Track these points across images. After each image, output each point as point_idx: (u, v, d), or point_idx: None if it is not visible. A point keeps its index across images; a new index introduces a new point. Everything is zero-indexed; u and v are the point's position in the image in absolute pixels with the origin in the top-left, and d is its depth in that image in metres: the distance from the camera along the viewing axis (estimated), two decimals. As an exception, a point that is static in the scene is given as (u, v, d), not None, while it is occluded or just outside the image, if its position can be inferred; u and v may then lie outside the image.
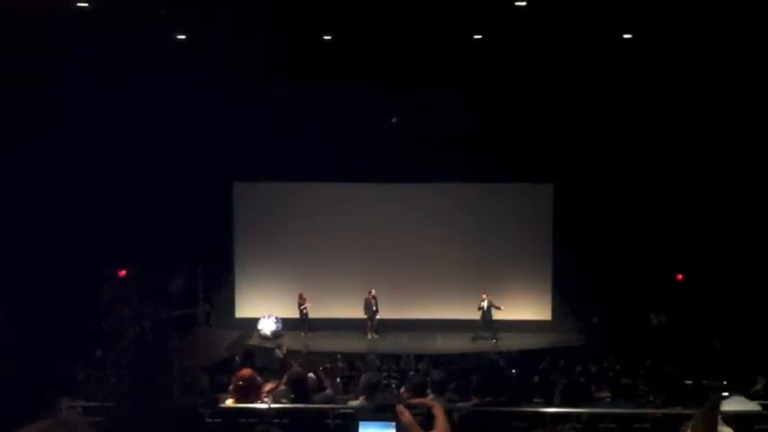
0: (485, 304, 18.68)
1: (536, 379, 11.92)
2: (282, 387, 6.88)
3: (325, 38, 14.15)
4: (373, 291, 19.09)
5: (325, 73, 15.61)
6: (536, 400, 8.13)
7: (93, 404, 6.53)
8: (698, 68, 14.74)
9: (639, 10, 12.52)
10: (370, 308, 19.03)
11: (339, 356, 16.01)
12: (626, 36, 13.63)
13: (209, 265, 20.09)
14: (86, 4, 11.77)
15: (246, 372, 6.62)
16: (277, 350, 14.79)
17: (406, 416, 1.58)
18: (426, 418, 1.59)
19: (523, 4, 11.96)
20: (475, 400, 6.76)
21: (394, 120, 18.33)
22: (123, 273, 18.73)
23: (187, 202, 17.87)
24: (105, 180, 16.08)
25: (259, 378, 6.69)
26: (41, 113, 14.16)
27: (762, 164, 16.05)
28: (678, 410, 6.89)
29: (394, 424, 1.57)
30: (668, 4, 12.24)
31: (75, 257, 15.57)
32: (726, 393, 7.22)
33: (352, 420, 1.59)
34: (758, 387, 9.30)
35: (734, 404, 6.40)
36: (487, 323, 18.72)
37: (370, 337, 19.01)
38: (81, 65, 13.86)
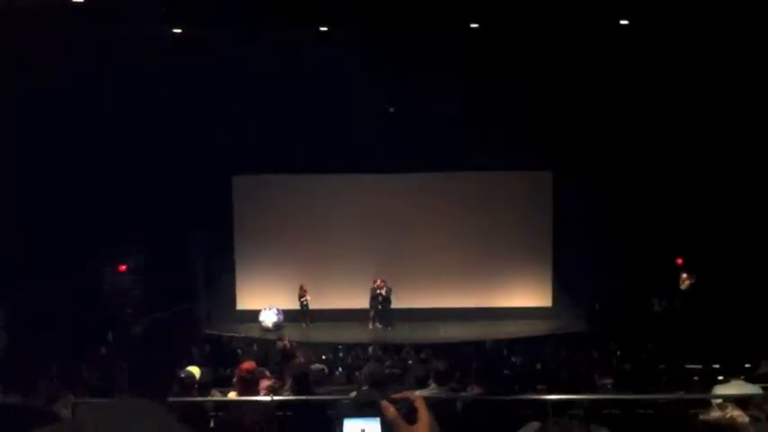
0: (383, 291, 18.84)
1: (538, 366, 11.96)
2: (284, 384, 6.89)
3: (322, 29, 14.12)
4: (377, 281, 19.08)
5: (323, 63, 15.56)
6: (539, 387, 8.15)
7: (97, 400, 6.53)
8: (698, 55, 14.69)
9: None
10: (375, 298, 19.07)
11: (341, 347, 16.08)
12: (623, 22, 13.56)
13: (210, 259, 20.13)
14: (82, 1, 11.75)
15: (250, 364, 6.63)
16: (279, 342, 14.88)
17: (391, 411, 1.60)
18: (410, 412, 1.62)
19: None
20: (477, 389, 6.79)
21: (391, 109, 18.30)
22: (124, 268, 18.86)
23: (187, 195, 17.87)
24: (104, 174, 16.06)
25: (266, 371, 6.70)
26: (41, 108, 14.13)
27: (762, 150, 16.01)
28: (680, 395, 6.93)
29: (378, 419, 1.59)
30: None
31: (75, 251, 15.59)
32: (721, 377, 7.24)
33: (335, 416, 1.61)
34: (763, 370, 9.31)
35: (734, 388, 6.42)
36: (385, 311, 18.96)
37: (371, 327, 19.04)
38: (80, 58, 13.81)
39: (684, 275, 18.52)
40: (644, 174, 17.81)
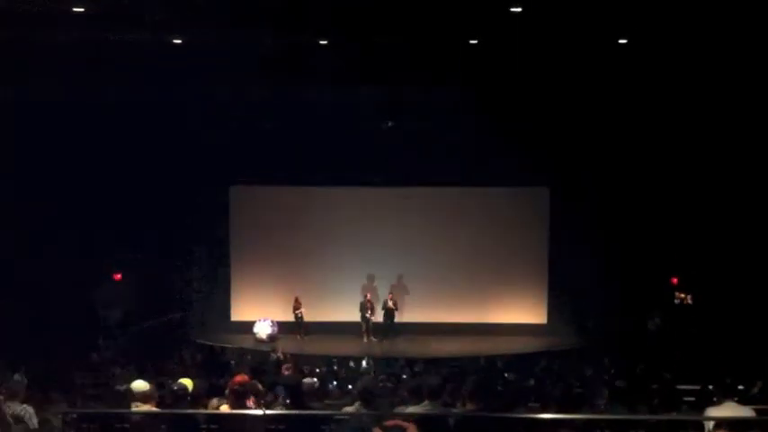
0: (391, 303, 18.85)
1: (531, 383, 11.94)
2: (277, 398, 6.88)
3: (321, 42, 14.18)
4: (368, 295, 19.14)
5: (322, 76, 15.62)
6: (531, 404, 8.14)
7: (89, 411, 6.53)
8: (693, 74, 14.78)
9: (634, 15, 12.56)
10: (365, 312, 19.06)
11: (335, 360, 16.05)
12: (621, 41, 13.66)
13: (205, 268, 20.09)
14: (82, 10, 11.80)
15: (242, 377, 6.62)
16: (272, 353, 14.85)
17: None
18: None
19: (519, 10, 11.99)
20: (470, 406, 6.77)
21: (389, 123, 18.36)
22: (119, 276, 18.84)
23: (184, 205, 17.87)
24: (102, 183, 16.08)
25: (258, 385, 6.69)
26: (40, 118, 14.18)
27: (757, 168, 16.09)
28: (673, 416, 6.93)
29: None
30: (664, 9, 12.27)
31: (71, 260, 15.58)
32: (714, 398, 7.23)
33: None
34: (755, 390, 9.31)
35: (727, 410, 6.42)
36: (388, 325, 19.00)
37: (365, 340, 19.02)
38: (78, 65, 13.85)
39: (682, 295, 18.54)
40: (641, 192, 17.86)
